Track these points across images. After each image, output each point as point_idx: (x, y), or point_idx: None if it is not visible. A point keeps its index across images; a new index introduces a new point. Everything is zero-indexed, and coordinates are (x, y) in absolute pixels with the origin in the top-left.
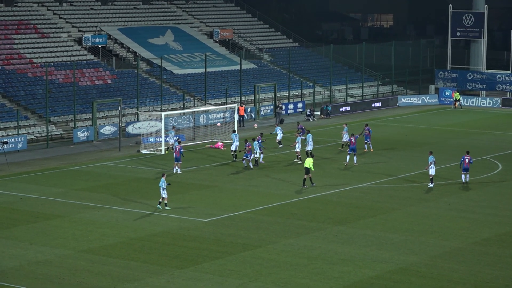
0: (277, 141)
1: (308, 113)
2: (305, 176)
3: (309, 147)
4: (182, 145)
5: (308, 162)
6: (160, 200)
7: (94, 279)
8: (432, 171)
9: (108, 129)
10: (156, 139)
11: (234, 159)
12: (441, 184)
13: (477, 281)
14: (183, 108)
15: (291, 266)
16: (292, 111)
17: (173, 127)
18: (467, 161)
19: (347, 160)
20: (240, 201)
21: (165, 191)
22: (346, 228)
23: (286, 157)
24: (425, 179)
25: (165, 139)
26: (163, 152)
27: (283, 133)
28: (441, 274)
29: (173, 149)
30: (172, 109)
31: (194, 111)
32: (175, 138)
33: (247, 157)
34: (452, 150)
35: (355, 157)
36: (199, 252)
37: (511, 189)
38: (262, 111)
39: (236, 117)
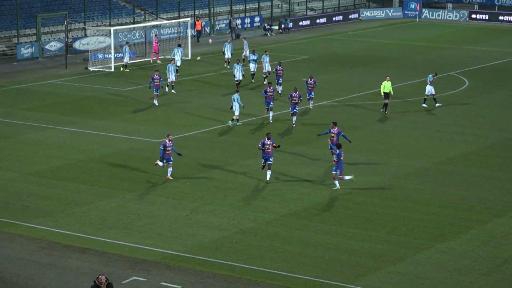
0: (225, 59)
1: (266, 27)
2: (386, 101)
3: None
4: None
5: (387, 87)
6: (234, 117)
7: (41, 203)
8: (429, 90)
9: (53, 45)
10: (105, 55)
11: (177, 73)
12: (405, 102)
13: (442, 202)
14: (133, 23)
15: (249, 188)
16: (249, 25)
17: (127, 43)
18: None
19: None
20: (194, 120)
21: (238, 109)
22: (306, 148)
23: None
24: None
25: (119, 56)
26: (112, 70)
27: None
28: (404, 195)
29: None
30: (121, 24)
31: (145, 26)
32: (130, 56)
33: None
34: (418, 66)
35: (294, 117)
36: (152, 174)
37: (478, 106)
38: (217, 26)
39: (189, 32)
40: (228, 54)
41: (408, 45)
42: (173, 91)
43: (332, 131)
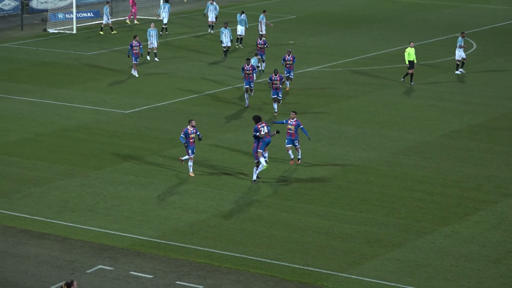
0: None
1: None
2: (410, 71)
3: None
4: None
5: (412, 54)
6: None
7: None
8: (459, 55)
9: (7, 4)
10: (66, 15)
11: (166, 32)
12: (406, 67)
13: (446, 180)
14: None
15: (229, 165)
16: None
17: (107, 2)
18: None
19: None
20: (167, 89)
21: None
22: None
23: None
24: (388, 60)
25: (82, 17)
26: (74, 31)
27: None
28: (404, 173)
29: (133, 50)
30: None
31: None
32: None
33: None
34: (419, 27)
35: (275, 104)
36: (119, 149)
37: (486, 72)
38: None
39: None
40: (211, 17)
41: (408, 3)
42: (156, 59)
43: (289, 122)
